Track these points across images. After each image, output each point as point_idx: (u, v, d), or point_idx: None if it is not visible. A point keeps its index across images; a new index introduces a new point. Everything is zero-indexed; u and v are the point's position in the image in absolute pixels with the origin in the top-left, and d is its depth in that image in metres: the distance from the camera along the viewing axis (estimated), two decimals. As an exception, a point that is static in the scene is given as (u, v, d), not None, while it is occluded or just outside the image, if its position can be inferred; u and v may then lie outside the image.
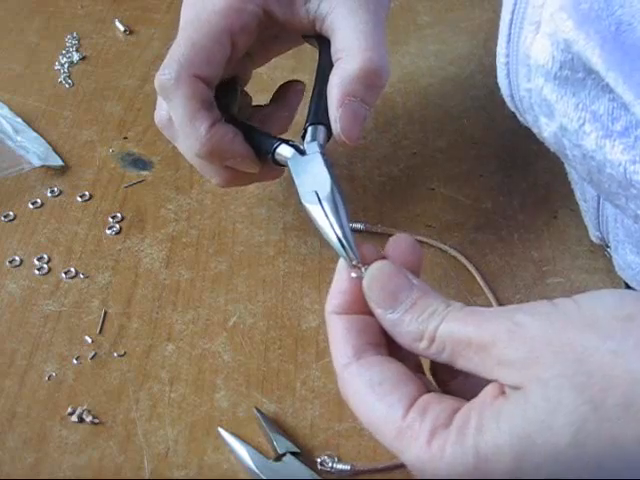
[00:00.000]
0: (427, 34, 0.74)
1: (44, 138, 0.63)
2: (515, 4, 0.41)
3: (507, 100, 0.45)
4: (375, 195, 0.58)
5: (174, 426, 0.45)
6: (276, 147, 0.47)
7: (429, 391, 0.33)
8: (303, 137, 0.47)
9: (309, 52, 0.53)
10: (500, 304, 0.50)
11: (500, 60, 0.43)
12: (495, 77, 0.48)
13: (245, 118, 0.51)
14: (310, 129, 0.47)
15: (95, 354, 0.48)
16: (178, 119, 0.47)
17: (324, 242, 0.40)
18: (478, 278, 0.52)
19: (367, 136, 0.62)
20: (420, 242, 0.54)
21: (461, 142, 0.63)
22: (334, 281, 0.37)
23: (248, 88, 0.70)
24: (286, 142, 0.47)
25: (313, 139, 0.46)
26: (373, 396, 0.33)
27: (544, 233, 0.55)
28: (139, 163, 0.61)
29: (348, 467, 0.42)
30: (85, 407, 0.45)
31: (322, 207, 0.41)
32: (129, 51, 0.73)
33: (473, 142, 0.63)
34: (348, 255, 0.38)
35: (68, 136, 0.64)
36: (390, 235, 0.38)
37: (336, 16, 0.48)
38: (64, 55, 0.72)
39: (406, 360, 0.35)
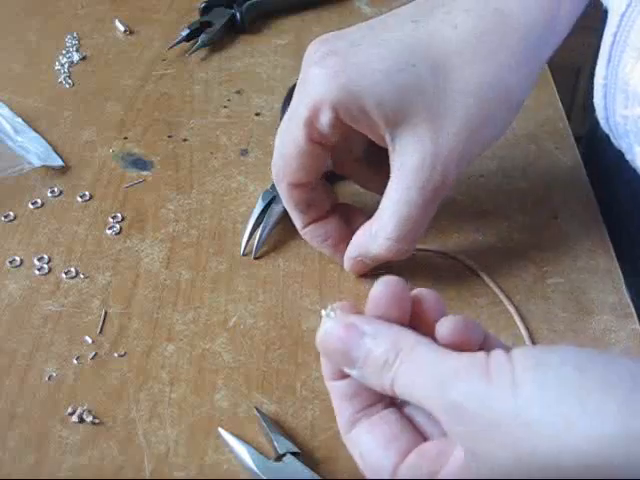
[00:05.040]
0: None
1: (44, 138, 0.63)
2: (618, 27, 0.39)
3: (601, 122, 0.43)
4: (375, 196, 0.58)
5: (174, 426, 0.45)
6: None
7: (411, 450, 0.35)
8: None
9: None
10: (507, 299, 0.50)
11: (598, 81, 0.41)
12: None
13: None
14: None
15: (95, 354, 0.48)
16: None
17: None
18: (485, 278, 0.52)
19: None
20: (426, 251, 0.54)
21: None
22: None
23: (247, 87, 0.71)
24: None
25: None
26: (363, 464, 0.36)
27: (544, 233, 0.55)
28: (139, 163, 0.61)
29: None
30: (85, 407, 0.45)
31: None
32: (129, 51, 0.73)
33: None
34: (247, 243, 0.53)
35: (68, 136, 0.64)
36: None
37: (390, 179, 0.46)
38: (64, 55, 0.72)
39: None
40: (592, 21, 0.48)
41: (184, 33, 0.72)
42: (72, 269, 0.53)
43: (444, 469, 0.33)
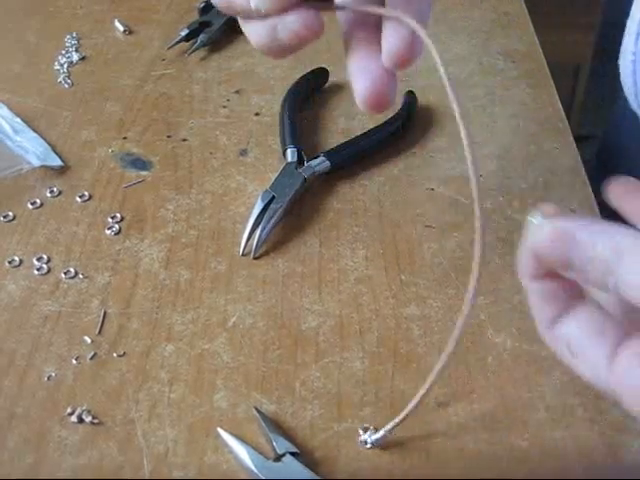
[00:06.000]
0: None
1: (43, 138, 0.63)
2: None
3: (630, 99, 0.44)
4: (375, 195, 0.58)
5: (174, 426, 0.45)
6: None
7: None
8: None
9: (307, 52, 0.53)
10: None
11: (627, 57, 0.42)
12: (495, 76, 0.48)
13: None
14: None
15: (95, 354, 0.48)
16: None
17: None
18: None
19: (367, 136, 0.62)
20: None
21: (461, 142, 0.62)
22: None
23: (246, 87, 0.71)
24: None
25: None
26: (571, 355, 0.34)
27: (544, 233, 0.55)
28: (138, 163, 0.61)
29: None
30: (85, 407, 0.45)
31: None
32: (129, 51, 0.73)
33: (473, 142, 0.62)
34: (246, 243, 0.54)
35: (67, 136, 0.64)
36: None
37: None
38: (63, 55, 0.72)
39: None
40: (591, 20, 0.48)
41: (183, 33, 0.72)
42: (71, 269, 0.53)
43: None
